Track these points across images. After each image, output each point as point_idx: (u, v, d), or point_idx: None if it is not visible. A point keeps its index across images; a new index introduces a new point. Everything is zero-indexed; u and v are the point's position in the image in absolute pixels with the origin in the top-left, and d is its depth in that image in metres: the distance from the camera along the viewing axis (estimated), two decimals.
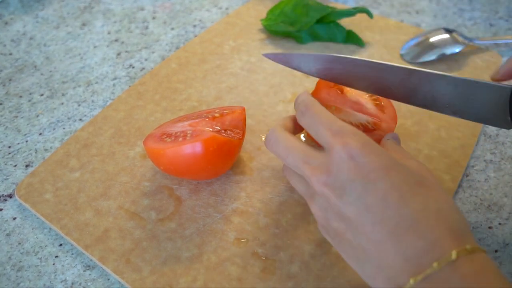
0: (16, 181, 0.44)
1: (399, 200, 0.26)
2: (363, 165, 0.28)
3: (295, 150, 0.31)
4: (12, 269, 0.38)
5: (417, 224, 0.26)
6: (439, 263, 0.24)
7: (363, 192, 0.27)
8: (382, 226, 0.26)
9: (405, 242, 0.26)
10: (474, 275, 0.24)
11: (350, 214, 0.28)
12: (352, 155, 0.28)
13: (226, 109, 0.42)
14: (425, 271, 0.24)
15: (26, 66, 0.58)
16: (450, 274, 0.24)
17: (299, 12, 0.57)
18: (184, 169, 0.38)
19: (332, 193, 0.28)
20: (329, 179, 0.29)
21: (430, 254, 0.25)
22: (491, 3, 0.66)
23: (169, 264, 0.36)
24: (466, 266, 0.24)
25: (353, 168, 0.28)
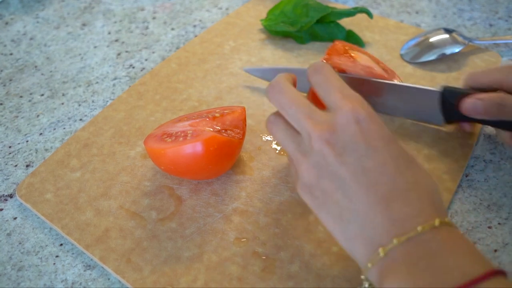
0: (17, 181, 0.44)
1: (395, 170, 0.28)
2: (368, 131, 0.29)
3: (300, 103, 0.32)
4: (12, 269, 0.38)
5: (408, 193, 0.28)
6: (423, 227, 0.27)
7: (364, 155, 0.29)
8: (376, 190, 0.28)
9: (395, 207, 0.27)
10: (452, 240, 0.27)
11: (345, 174, 0.29)
12: (359, 120, 0.29)
13: (226, 109, 0.42)
14: (409, 233, 0.26)
15: (26, 66, 0.58)
16: (431, 237, 0.26)
17: (299, 12, 0.57)
18: (184, 168, 0.38)
19: (332, 151, 0.29)
20: (332, 137, 0.30)
21: (416, 219, 0.27)
22: (491, 3, 0.67)
23: (169, 263, 0.36)
24: (445, 233, 0.27)
25: (358, 132, 0.29)
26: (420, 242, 0.26)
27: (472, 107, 0.38)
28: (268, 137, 0.46)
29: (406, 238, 0.26)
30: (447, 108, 0.41)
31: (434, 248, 0.26)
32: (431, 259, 0.26)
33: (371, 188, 0.28)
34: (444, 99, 0.41)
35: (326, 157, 0.29)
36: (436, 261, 0.26)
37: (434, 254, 0.26)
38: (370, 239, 0.27)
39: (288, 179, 0.42)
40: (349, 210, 0.28)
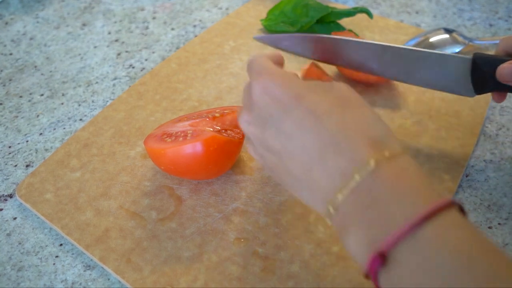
0: (17, 181, 0.44)
1: (316, 123, 0.27)
2: (277, 97, 0.29)
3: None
4: (12, 269, 0.38)
5: (336, 142, 0.26)
6: (360, 174, 0.25)
7: (280, 122, 0.28)
8: (306, 151, 0.27)
9: (328, 162, 0.26)
10: (394, 178, 0.25)
11: (276, 146, 0.29)
12: (267, 89, 0.29)
13: (226, 109, 0.42)
14: (348, 185, 0.25)
15: (26, 66, 0.58)
16: (371, 182, 0.25)
17: (299, 12, 0.57)
18: (184, 168, 0.38)
19: (255, 129, 0.30)
20: (250, 117, 0.30)
21: (351, 168, 0.25)
22: (491, 3, 0.67)
23: (169, 263, 0.36)
24: (386, 171, 0.25)
25: (269, 102, 0.29)
26: (363, 190, 0.25)
27: (510, 74, 0.36)
28: None
29: (348, 191, 0.25)
30: (479, 76, 0.38)
31: (376, 194, 0.25)
32: (376, 206, 0.24)
33: (300, 150, 0.27)
34: (475, 67, 0.38)
35: (255, 136, 0.30)
36: (380, 207, 0.24)
37: (377, 201, 0.24)
38: (322, 199, 0.27)
39: None
40: (294, 178, 0.28)
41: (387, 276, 0.24)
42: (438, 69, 0.40)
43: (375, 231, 0.24)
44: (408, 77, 0.41)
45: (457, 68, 0.39)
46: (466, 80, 0.39)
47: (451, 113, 0.47)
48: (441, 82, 0.40)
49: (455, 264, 0.22)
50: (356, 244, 0.25)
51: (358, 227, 0.25)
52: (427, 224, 0.23)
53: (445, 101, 0.49)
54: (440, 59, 0.39)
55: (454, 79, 0.39)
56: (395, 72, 0.41)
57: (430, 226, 0.23)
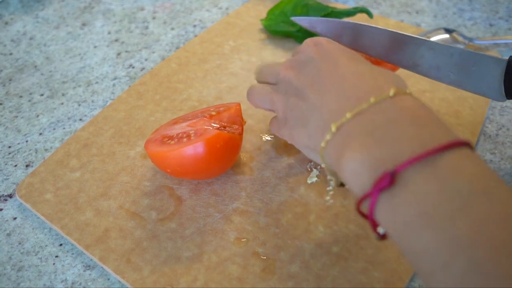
0: (17, 181, 0.44)
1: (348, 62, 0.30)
2: (323, 47, 0.33)
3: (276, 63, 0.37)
4: (12, 269, 0.38)
5: (361, 75, 0.28)
6: (376, 98, 0.25)
7: (319, 61, 0.32)
8: (329, 79, 0.30)
9: (348, 87, 0.28)
10: (412, 109, 0.25)
11: (305, 82, 0.32)
12: (317, 43, 0.34)
13: (221, 107, 0.42)
14: (360, 105, 0.26)
15: (26, 66, 0.58)
16: (388, 106, 0.25)
17: (299, 12, 0.57)
18: (190, 169, 0.38)
19: (292, 72, 0.33)
20: (292, 63, 0.34)
21: (370, 93, 0.26)
22: (491, 3, 0.67)
23: (169, 263, 0.36)
24: (405, 102, 0.25)
25: (314, 50, 0.33)
26: (376, 112, 0.25)
27: None
28: (268, 137, 0.46)
29: (358, 110, 0.25)
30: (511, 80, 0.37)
31: (392, 116, 0.24)
32: (388, 127, 0.24)
33: (326, 79, 0.30)
34: (509, 70, 0.36)
35: (289, 79, 0.33)
36: (394, 129, 0.24)
37: (391, 122, 0.24)
38: (325, 121, 0.28)
39: (288, 179, 0.42)
40: (309, 110, 0.30)
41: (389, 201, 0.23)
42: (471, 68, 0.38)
43: (385, 150, 0.23)
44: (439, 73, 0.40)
45: (491, 70, 0.37)
46: (498, 82, 0.37)
47: (451, 113, 0.47)
48: (473, 83, 0.39)
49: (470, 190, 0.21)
50: (356, 162, 0.24)
51: (361, 147, 0.24)
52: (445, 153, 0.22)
53: (445, 101, 0.49)
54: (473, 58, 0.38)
55: (487, 80, 0.38)
56: (426, 68, 0.40)
57: (447, 156, 0.22)
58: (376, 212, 0.23)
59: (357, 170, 0.24)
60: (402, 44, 0.40)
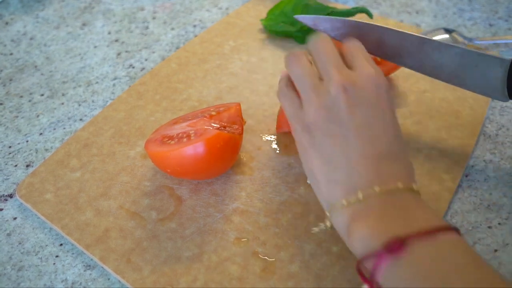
0: (17, 181, 0.44)
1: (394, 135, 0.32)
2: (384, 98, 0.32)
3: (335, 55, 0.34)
4: (12, 269, 0.38)
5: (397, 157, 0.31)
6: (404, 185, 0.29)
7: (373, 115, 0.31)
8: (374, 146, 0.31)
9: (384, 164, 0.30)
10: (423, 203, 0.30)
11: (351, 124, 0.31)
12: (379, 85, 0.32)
13: (221, 107, 0.42)
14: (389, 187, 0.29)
15: (26, 66, 0.58)
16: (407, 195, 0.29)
17: (299, 12, 0.57)
18: (191, 169, 0.38)
19: (347, 99, 0.31)
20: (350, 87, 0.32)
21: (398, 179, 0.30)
22: (491, 3, 0.67)
23: (169, 263, 0.36)
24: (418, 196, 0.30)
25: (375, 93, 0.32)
26: (397, 196, 0.29)
27: None
28: (268, 137, 0.46)
29: (387, 189, 0.29)
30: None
31: (407, 203, 0.29)
32: (402, 211, 0.28)
33: (370, 143, 0.30)
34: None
35: (339, 102, 0.31)
36: (407, 212, 0.28)
37: (406, 207, 0.29)
38: (352, 185, 0.30)
39: (288, 179, 0.42)
40: (342, 157, 0.31)
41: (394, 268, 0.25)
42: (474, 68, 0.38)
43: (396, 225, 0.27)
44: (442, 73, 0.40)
45: (494, 70, 0.38)
46: (501, 83, 0.38)
47: (451, 113, 0.47)
48: (475, 83, 0.39)
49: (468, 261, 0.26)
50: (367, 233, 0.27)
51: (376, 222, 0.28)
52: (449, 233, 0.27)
53: (445, 101, 0.49)
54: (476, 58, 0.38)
55: (489, 80, 0.38)
56: (431, 68, 0.40)
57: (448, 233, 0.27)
58: (378, 274, 0.26)
59: (366, 238, 0.28)
60: (406, 43, 0.40)
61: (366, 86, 0.32)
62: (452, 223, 0.39)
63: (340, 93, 0.31)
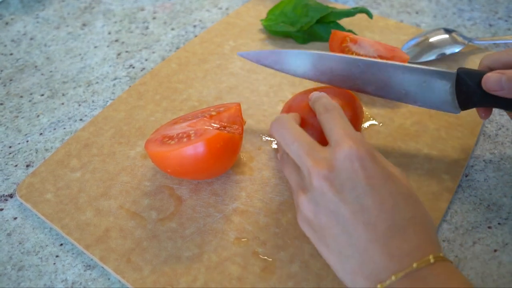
0: (17, 181, 0.44)
1: (394, 207, 0.29)
2: (368, 169, 0.29)
3: (302, 139, 0.32)
4: (12, 269, 0.38)
5: (405, 229, 0.28)
6: (418, 264, 0.27)
7: (362, 193, 0.29)
8: (375, 227, 0.28)
9: (393, 243, 0.28)
10: (447, 276, 0.28)
11: (344, 211, 0.29)
12: (358, 157, 0.30)
13: (221, 107, 0.42)
14: (405, 270, 0.27)
15: (26, 66, 0.58)
16: (427, 273, 0.27)
17: (299, 12, 0.57)
18: (191, 169, 0.38)
19: (331, 188, 0.29)
20: (330, 174, 0.30)
21: (412, 255, 0.28)
22: (491, 3, 0.67)
23: (169, 263, 0.36)
24: (440, 269, 0.28)
25: (357, 169, 0.29)
26: (416, 277, 0.27)
27: (496, 82, 0.35)
28: (268, 137, 0.46)
29: (403, 274, 0.27)
30: (463, 91, 0.38)
31: (430, 283, 0.27)
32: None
33: (370, 225, 0.28)
34: (460, 81, 0.38)
35: (325, 194, 0.30)
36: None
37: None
38: (370, 275, 0.28)
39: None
40: (348, 246, 0.29)
41: None
42: (423, 84, 0.39)
43: None
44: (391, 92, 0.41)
45: (442, 83, 0.38)
46: (451, 95, 0.39)
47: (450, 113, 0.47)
48: (426, 98, 0.40)
49: None
50: None
51: None
52: None
53: None
54: (424, 74, 0.39)
55: (439, 94, 0.39)
56: (380, 88, 0.41)
57: None
58: None
59: None
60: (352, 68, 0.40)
61: (345, 164, 0.29)
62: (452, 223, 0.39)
63: (322, 183, 0.30)
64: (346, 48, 0.51)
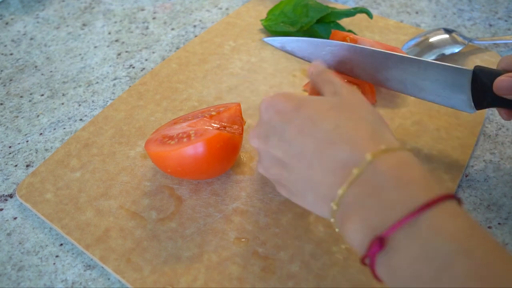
0: (17, 181, 0.44)
1: (313, 127, 0.29)
2: (279, 109, 0.31)
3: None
4: (12, 269, 0.38)
5: (332, 141, 0.28)
6: (358, 168, 0.26)
7: (282, 132, 0.30)
8: (305, 154, 0.29)
9: (326, 161, 0.28)
10: (393, 170, 0.26)
11: (279, 155, 0.31)
12: (271, 103, 0.32)
13: (221, 107, 0.42)
14: (347, 179, 0.27)
15: (26, 66, 0.58)
16: (370, 174, 0.26)
17: (299, 12, 0.57)
18: (191, 169, 0.38)
19: (261, 142, 0.32)
20: (257, 130, 0.33)
21: (350, 163, 0.27)
22: (491, 3, 0.67)
23: (169, 263, 0.36)
24: (384, 164, 0.26)
25: (272, 115, 0.31)
26: (362, 182, 0.26)
27: (507, 86, 0.35)
28: None
29: (347, 185, 0.27)
30: (479, 90, 0.37)
31: (376, 184, 0.26)
32: (376, 195, 0.26)
33: (301, 155, 0.29)
34: (475, 79, 0.37)
35: (261, 149, 0.32)
36: (381, 195, 0.26)
37: (377, 190, 0.26)
38: (324, 196, 0.28)
39: None
40: (299, 184, 0.30)
41: (385, 262, 0.25)
42: (439, 80, 0.39)
43: (375, 218, 0.25)
44: (408, 87, 0.41)
45: (458, 80, 0.38)
46: (466, 92, 0.38)
47: (451, 113, 0.47)
48: (441, 94, 0.39)
49: (451, 250, 0.22)
50: (356, 232, 0.26)
51: (359, 216, 0.26)
52: (426, 213, 0.24)
53: None
54: (441, 70, 0.38)
55: (454, 91, 0.39)
56: (396, 82, 0.41)
57: (429, 215, 0.24)
58: (377, 271, 0.25)
59: (355, 237, 0.27)
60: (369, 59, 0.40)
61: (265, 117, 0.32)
62: None
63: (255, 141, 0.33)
64: None
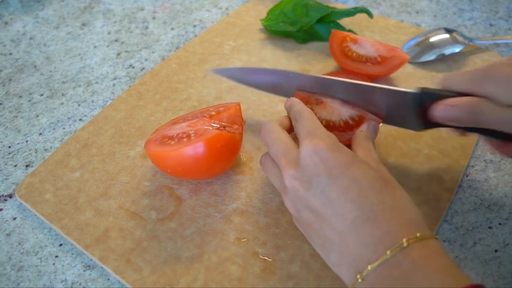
0: (16, 181, 0.44)
1: (359, 194, 0.29)
2: (327, 160, 0.30)
3: (280, 142, 0.34)
4: (12, 269, 0.38)
5: (374, 216, 0.28)
6: (391, 250, 0.27)
7: (326, 186, 0.30)
8: (344, 218, 0.29)
9: (363, 232, 0.28)
10: (423, 258, 0.27)
11: (316, 206, 0.30)
12: (317, 151, 0.31)
13: (221, 107, 0.42)
14: (380, 258, 0.27)
15: (26, 66, 0.58)
16: (402, 259, 0.27)
17: (299, 12, 0.57)
18: (191, 169, 0.38)
19: (300, 186, 0.31)
20: (297, 173, 0.31)
21: (385, 242, 0.27)
22: (491, 3, 0.67)
23: (169, 264, 0.36)
24: (416, 252, 0.27)
25: (318, 163, 0.30)
26: (392, 265, 0.27)
27: (443, 115, 0.34)
28: None
29: (378, 263, 0.27)
30: (425, 111, 0.36)
31: (407, 270, 0.26)
32: (404, 281, 0.26)
33: (339, 216, 0.29)
34: (420, 102, 0.36)
35: (297, 192, 0.31)
36: (410, 283, 0.26)
37: (407, 276, 0.26)
38: (350, 265, 0.29)
39: None
40: (327, 239, 0.30)
41: None
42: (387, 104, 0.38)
43: None
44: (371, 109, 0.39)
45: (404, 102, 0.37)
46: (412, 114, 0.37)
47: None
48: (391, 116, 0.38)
49: None
50: None
51: None
52: None
53: None
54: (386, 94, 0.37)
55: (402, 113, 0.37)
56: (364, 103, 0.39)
57: None
58: None
59: None
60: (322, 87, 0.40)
61: (308, 160, 0.31)
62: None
63: (292, 183, 0.31)
64: (346, 48, 0.51)
